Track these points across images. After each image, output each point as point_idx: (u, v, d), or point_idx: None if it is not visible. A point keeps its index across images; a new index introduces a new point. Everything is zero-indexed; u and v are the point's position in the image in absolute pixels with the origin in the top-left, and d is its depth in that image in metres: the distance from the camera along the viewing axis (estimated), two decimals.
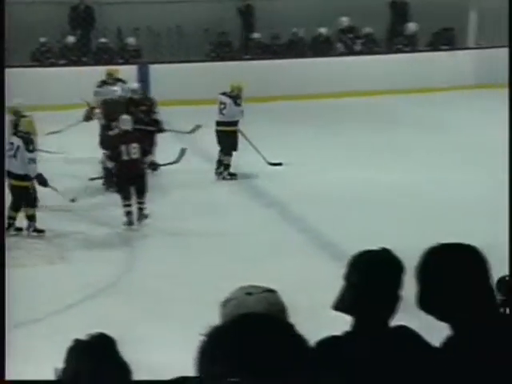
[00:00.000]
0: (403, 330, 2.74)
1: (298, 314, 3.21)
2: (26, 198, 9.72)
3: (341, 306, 2.74)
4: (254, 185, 11.94)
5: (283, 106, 16.43)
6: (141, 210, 10.03)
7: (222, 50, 18.65)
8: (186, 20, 18.20)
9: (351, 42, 19.06)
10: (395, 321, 2.76)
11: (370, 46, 19.15)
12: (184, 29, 18.40)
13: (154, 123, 11.77)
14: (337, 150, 13.48)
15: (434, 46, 19.14)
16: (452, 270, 2.64)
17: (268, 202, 11.14)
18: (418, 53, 18.89)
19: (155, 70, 17.09)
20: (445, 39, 19.12)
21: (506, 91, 17.52)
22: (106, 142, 10.94)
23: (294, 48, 18.81)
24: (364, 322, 2.71)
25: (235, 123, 12.21)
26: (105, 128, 11.29)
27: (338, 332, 2.74)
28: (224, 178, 12.16)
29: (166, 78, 16.50)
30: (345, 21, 18.95)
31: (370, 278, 2.72)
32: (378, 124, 15.15)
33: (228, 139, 12.11)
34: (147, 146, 10.41)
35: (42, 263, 9.15)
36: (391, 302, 2.73)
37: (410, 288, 2.68)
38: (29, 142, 9.67)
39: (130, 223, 10.01)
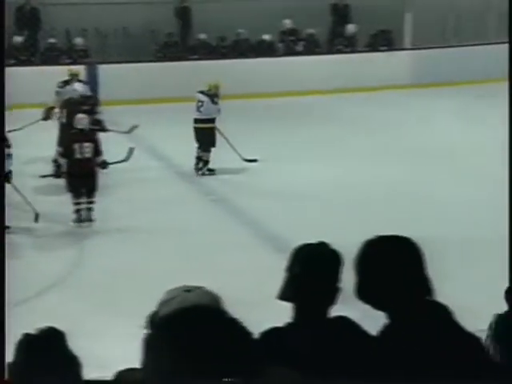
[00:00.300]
0: (342, 320, 2.77)
1: (244, 305, 3.22)
2: None
3: (284, 296, 2.78)
4: (202, 181, 11.93)
5: (230, 104, 16.41)
6: (89, 209, 9.96)
7: (168, 51, 18.61)
8: (132, 21, 18.13)
9: (293, 43, 19.16)
10: (338, 311, 2.80)
11: (312, 47, 19.25)
12: (131, 30, 18.32)
13: (96, 123, 11.68)
14: (280, 146, 13.53)
15: (372, 46, 19.33)
16: (388, 261, 2.68)
17: (216, 198, 11.15)
18: (357, 53, 19.05)
19: (103, 70, 16.98)
20: (383, 40, 19.30)
21: (442, 90, 17.88)
22: (62, 140, 10.90)
23: (239, 49, 18.87)
24: (305, 313, 2.74)
25: (212, 120, 12.25)
26: (65, 127, 11.18)
27: (282, 322, 2.77)
28: (203, 174, 12.19)
29: (114, 78, 16.41)
30: (287, 23, 19.05)
31: (310, 269, 2.75)
32: (319, 122, 15.24)
33: (206, 136, 12.14)
34: (100, 146, 10.33)
35: None
36: (331, 293, 2.76)
37: (351, 279, 2.72)
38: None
39: (79, 221, 9.93)
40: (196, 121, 12.29)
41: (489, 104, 16.52)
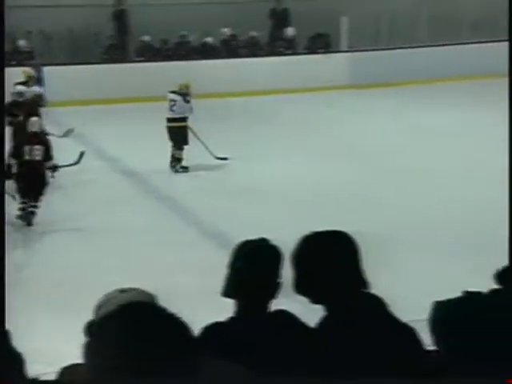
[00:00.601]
0: (282, 313, 2.78)
1: (190, 300, 3.22)
2: None
3: (227, 292, 2.77)
4: (149, 180, 11.85)
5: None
6: (32, 213, 9.81)
7: (114, 53, 18.47)
8: (76, 23, 17.94)
9: (234, 47, 19.20)
10: (281, 304, 2.80)
11: (254, 49, 19.31)
12: (75, 32, 18.13)
13: None
14: (226, 146, 13.53)
15: (311, 49, 19.46)
16: (323, 255, 2.69)
17: (159, 196, 11.10)
18: (297, 55, 19.15)
19: (48, 71, 16.76)
20: (321, 43, 19.45)
21: (378, 90, 18.01)
22: (14, 141, 10.73)
23: (182, 50, 18.84)
24: (246, 308, 2.74)
25: (185, 119, 12.30)
26: (18, 128, 10.96)
27: (226, 316, 2.77)
28: (177, 171, 12.22)
29: (59, 79, 16.21)
30: (226, 31, 19.11)
31: (251, 265, 2.75)
32: (261, 121, 15.26)
33: (179, 134, 12.18)
34: (51, 151, 10.16)
35: None
36: (271, 288, 2.77)
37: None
38: None
39: (24, 220, 9.79)
40: (169, 120, 12.32)
41: (424, 104, 16.79)
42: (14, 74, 13.10)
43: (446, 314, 2.53)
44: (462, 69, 18.57)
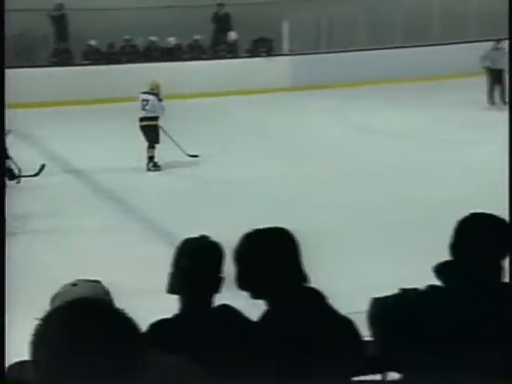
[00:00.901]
0: (226, 308, 2.79)
1: (137, 299, 3.21)
2: None
3: (172, 289, 2.78)
4: (95, 180, 11.74)
5: (126, 106, 16.27)
6: None
7: (60, 56, 18.27)
8: (28, 27, 17.69)
9: (178, 53, 19.17)
10: (226, 299, 2.81)
11: (198, 53, 19.26)
12: (25, 36, 17.88)
13: None
14: (172, 145, 13.51)
15: (253, 52, 19.47)
16: (264, 251, 2.70)
17: (109, 196, 11.01)
18: (239, 59, 19.14)
19: None
20: (263, 46, 19.48)
21: (318, 92, 18.11)
22: None
23: (128, 54, 18.76)
24: (191, 304, 2.74)
25: (156, 118, 12.27)
26: None
27: (172, 312, 2.78)
28: (149, 170, 12.16)
29: (9, 82, 15.95)
30: (172, 40, 19.05)
31: (193, 262, 2.75)
32: (205, 122, 15.24)
33: (150, 133, 12.15)
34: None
35: None
36: (214, 284, 2.78)
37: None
38: None
39: None
40: (141, 119, 12.30)
41: (361, 104, 16.99)
42: None
43: (382, 310, 2.58)
44: (397, 71, 18.84)
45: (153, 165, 12.21)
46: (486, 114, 16.02)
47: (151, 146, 12.21)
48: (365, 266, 7.93)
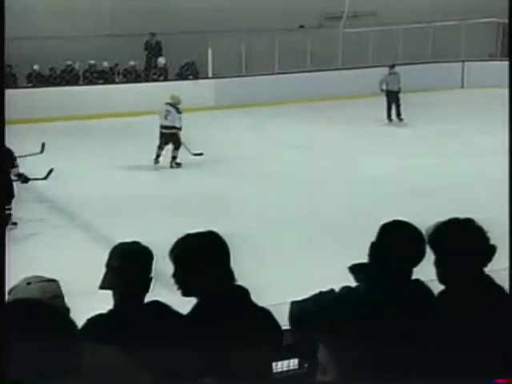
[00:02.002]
0: (156, 303, 2.76)
1: (78, 298, 3.13)
2: None
3: (103, 285, 2.75)
4: (34, 187, 11.45)
5: (60, 126, 16.02)
6: None
7: (7, 80, 17.85)
8: None
9: (112, 78, 18.98)
10: (163, 296, 2.77)
11: (133, 77, 19.14)
12: None
13: None
14: (109, 158, 13.34)
15: (181, 76, 19.47)
16: (195, 253, 2.68)
17: (39, 198, 10.78)
18: (169, 81, 19.11)
19: None
20: (191, 70, 19.50)
21: (239, 110, 18.15)
22: None
23: (67, 77, 18.50)
24: (122, 300, 2.72)
25: (175, 127, 13.02)
26: None
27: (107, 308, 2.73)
28: (172, 167, 12.90)
29: None
30: (108, 65, 18.88)
31: (126, 263, 2.72)
32: (140, 138, 15.10)
33: (172, 138, 12.94)
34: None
35: None
36: (144, 283, 2.76)
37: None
38: None
39: None
40: (164, 127, 13.09)
41: (277, 121, 17.13)
42: None
43: (300, 311, 2.59)
44: (308, 92, 19.10)
45: (175, 163, 12.91)
46: (385, 129, 16.35)
47: (176, 148, 12.92)
48: (282, 264, 7.96)
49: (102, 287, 2.74)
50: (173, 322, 2.67)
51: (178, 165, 13.00)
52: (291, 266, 7.78)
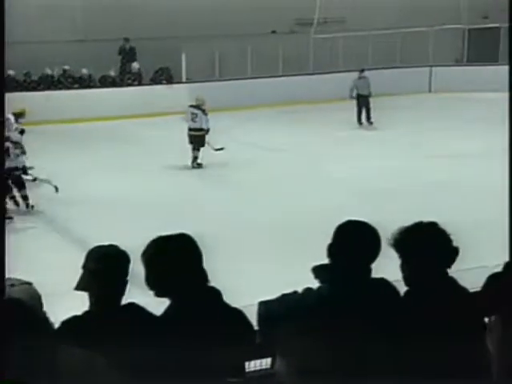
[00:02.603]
0: (131, 306, 2.76)
1: (54, 299, 3.12)
2: None
3: (79, 287, 2.74)
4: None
5: (37, 128, 15.88)
6: None
7: None
8: None
9: (89, 83, 18.83)
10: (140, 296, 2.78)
11: (107, 82, 19.01)
12: None
13: None
14: (84, 161, 13.29)
15: (155, 80, 19.42)
16: (168, 255, 2.69)
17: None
18: (143, 86, 19.06)
19: None
20: (164, 75, 19.46)
21: (213, 114, 18.19)
22: None
23: (44, 83, 18.36)
24: (98, 302, 2.71)
25: (203, 129, 13.14)
26: None
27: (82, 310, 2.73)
28: (193, 167, 13.00)
29: None
30: (84, 71, 18.64)
31: (102, 266, 2.72)
32: (115, 142, 15.06)
33: (198, 139, 13.07)
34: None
35: None
36: (119, 285, 2.75)
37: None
38: None
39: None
40: (191, 129, 13.17)
41: (249, 125, 17.14)
42: None
43: (265, 311, 2.63)
44: (280, 96, 19.16)
45: (196, 163, 13.01)
46: (355, 132, 16.45)
47: (197, 149, 13.03)
48: (253, 266, 7.96)
49: (77, 288, 2.73)
50: (147, 323, 2.67)
51: (199, 165, 13.04)
52: (262, 267, 7.79)
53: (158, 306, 2.74)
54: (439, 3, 20.31)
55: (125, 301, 2.76)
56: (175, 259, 2.66)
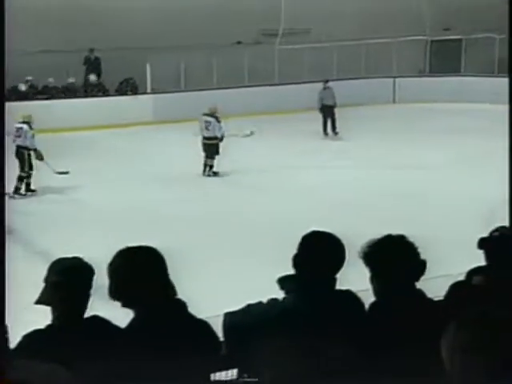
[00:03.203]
0: (95, 318, 2.73)
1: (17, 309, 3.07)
2: None
3: (40, 301, 2.69)
4: None
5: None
6: None
7: None
8: None
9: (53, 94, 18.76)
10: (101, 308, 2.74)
11: (72, 92, 18.91)
12: None
13: None
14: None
15: (120, 91, 19.34)
16: (133, 266, 2.66)
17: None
18: (108, 97, 18.97)
19: None
20: (129, 86, 19.40)
21: (178, 125, 18.12)
22: None
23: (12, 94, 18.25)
24: (61, 316, 2.67)
25: (216, 138, 13.20)
26: None
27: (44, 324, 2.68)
28: (209, 176, 13.07)
29: None
30: (50, 81, 18.60)
31: (65, 279, 2.68)
32: (83, 153, 14.93)
33: (212, 148, 13.12)
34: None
35: None
36: (82, 298, 2.71)
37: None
38: None
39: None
40: (205, 138, 13.26)
41: None
42: None
43: (230, 322, 2.63)
44: (244, 107, 19.20)
45: (212, 172, 13.11)
46: (321, 143, 16.55)
47: (212, 158, 13.11)
48: (219, 276, 7.94)
49: (38, 302, 2.69)
50: (112, 336, 2.64)
51: (216, 174, 13.10)
52: (227, 278, 7.77)
53: (125, 318, 2.71)
54: (402, 15, 20.59)
55: (88, 314, 2.73)
56: (139, 270, 2.64)
